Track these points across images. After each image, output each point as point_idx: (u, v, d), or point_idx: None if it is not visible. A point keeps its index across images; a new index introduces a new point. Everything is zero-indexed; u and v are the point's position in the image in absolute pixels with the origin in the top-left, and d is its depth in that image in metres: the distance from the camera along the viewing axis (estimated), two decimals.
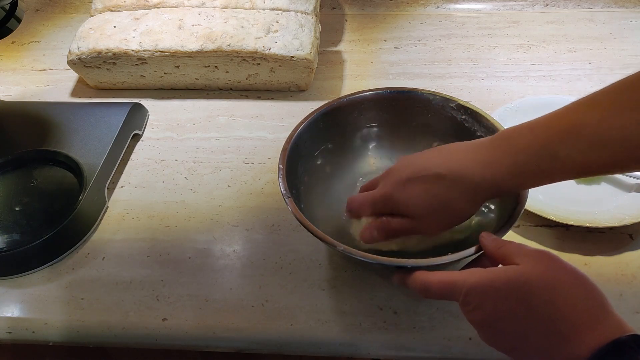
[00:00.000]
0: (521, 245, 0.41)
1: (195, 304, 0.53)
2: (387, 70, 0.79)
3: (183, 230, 0.60)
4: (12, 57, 0.87)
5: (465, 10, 0.89)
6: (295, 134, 0.54)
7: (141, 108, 0.73)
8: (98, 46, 0.72)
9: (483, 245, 0.43)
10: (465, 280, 0.39)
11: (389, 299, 0.52)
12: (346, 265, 0.55)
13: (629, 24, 0.84)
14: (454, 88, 0.75)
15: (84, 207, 0.60)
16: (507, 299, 0.37)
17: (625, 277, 0.53)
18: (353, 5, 0.91)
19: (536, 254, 0.39)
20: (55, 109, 0.72)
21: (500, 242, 0.42)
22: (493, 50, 0.81)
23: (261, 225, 0.60)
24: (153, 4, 0.78)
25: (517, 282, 0.37)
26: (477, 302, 0.38)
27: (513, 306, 0.37)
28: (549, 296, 0.36)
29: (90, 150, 0.65)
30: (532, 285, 0.37)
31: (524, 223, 0.58)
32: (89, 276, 0.56)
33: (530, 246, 0.40)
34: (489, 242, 0.43)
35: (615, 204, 0.58)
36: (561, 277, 0.37)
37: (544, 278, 0.37)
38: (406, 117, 0.59)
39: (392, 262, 0.44)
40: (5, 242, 0.58)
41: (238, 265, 0.56)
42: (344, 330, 0.50)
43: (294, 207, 0.48)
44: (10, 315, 0.53)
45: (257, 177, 0.65)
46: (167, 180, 0.66)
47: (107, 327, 0.52)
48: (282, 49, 0.70)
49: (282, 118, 0.73)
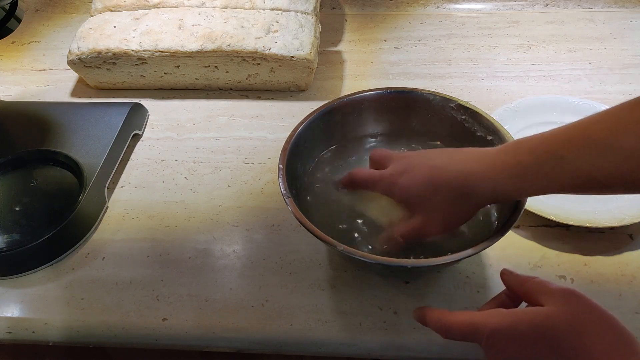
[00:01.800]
0: (545, 282, 0.38)
1: (195, 304, 0.53)
2: (387, 70, 0.79)
3: (183, 230, 0.60)
4: (12, 57, 0.87)
5: (465, 10, 0.89)
6: (295, 134, 0.54)
7: (141, 108, 0.73)
8: (98, 46, 0.72)
9: (505, 282, 0.41)
10: (487, 323, 0.37)
11: (389, 299, 0.52)
12: (346, 265, 0.55)
13: (629, 24, 0.84)
14: (454, 88, 0.75)
15: (84, 207, 0.59)
16: (532, 345, 0.35)
17: (625, 277, 0.53)
18: (353, 5, 0.91)
19: (562, 293, 0.37)
20: (55, 109, 0.72)
21: (522, 278, 0.40)
22: (493, 50, 0.81)
23: (261, 225, 0.60)
24: (153, 4, 0.78)
25: (543, 326, 0.35)
26: (500, 347, 0.36)
27: (539, 352, 0.35)
28: (578, 341, 0.34)
29: (90, 150, 0.65)
30: (559, 329, 0.35)
31: (524, 223, 0.58)
32: (89, 276, 0.56)
33: (555, 283, 0.38)
34: (511, 279, 0.41)
35: (615, 204, 0.57)
36: (590, 320, 0.35)
37: (571, 322, 0.35)
38: (406, 117, 0.59)
39: (392, 262, 0.44)
40: (5, 242, 0.58)
41: (238, 265, 0.56)
42: (344, 330, 0.50)
43: (294, 207, 0.48)
44: (10, 315, 0.53)
45: (257, 177, 0.65)
46: (167, 180, 0.66)
47: (107, 327, 0.52)
48: (282, 49, 0.70)
49: (282, 118, 0.73)
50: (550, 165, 0.39)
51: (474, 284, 0.53)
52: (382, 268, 0.52)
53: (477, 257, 0.55)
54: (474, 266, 0.54)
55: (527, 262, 0.54)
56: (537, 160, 0.40)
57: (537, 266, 0.54)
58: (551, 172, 0.40)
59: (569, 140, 0.39)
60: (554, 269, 0.54)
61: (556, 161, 0.39)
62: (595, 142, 0.38)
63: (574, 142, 0.39)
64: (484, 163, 0.43)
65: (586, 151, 0.38)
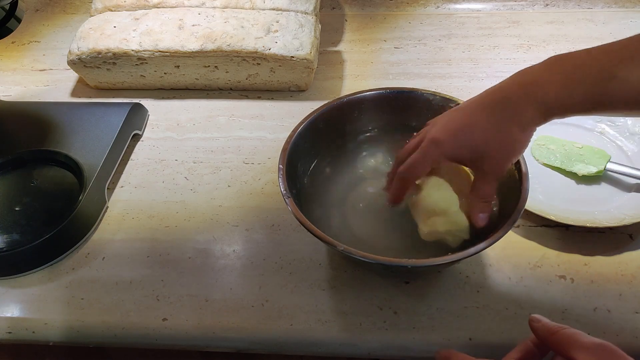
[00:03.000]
0: (578, 334, 0.35)
1: (195, 304, 0.53)
2: (387, 70, 0.79)
3: (183, 230, 0.60)
4: (12, 57, 0.87)
5: (465, 10, 0.89)
6: (295, 134, 0.54)
7: (141, 108, 0.73)
8: (98, 46, 0.72)
9: (533, 329, 0.38)
10: None
11: (389, 299, 0.52)
12: (346, 265, 0.55)
13: (629, 24, 0.84)
14: (454, 88, 0.75)
15: (84, 207, 0.59)
16: None
17: (625, 277, 0.53)
18: (353, 5, 0.91)
19: (596, 348, 0.34)
20: (55, 109, 0.72)
21: (553, 328, 0.37)
22: (493, 50, 0.81)
23: (261, 225, 0.60)
24: (153, 4, 0.78)
25: None
26: None
27: None
28: None
29: (90, 150, 0.65)
30: None
31: (524, 223, 0.58)
32: (89, 276, 0.56)
33: (587, 336, 0.35)
34: (539, 327, 0.38)
35: (615, 204, 0.58)
36: None
37: None
38: (406, 117, 0.59)
39: (392, 262, 0.44)
40: (5, 242, 0.58)
41: (238, 265, 0.56)
42: (344, 330, 0.50)
43: (294, 207, 0.48)
44: (10, 315, 0.53)
45: (257, 177, 0.65)
46: (167, 180, 0.66)
47: (107, 327, 0.52)
48: (282, 49, 0.70)
49: (282, 118, 0.73)
50: (602, 84, 0.38)
51: (474, 283, 0.53)
52: (382, 268, 0.52)
53: (477, 257, 0.55)
54: (474, 266, 0.54)
55: (527, 262, 0.54)
56: (588, 78, 0.38)
57: (537, 266, 0.54)
58: (602, 91, 0.38)
59: (621, 57, 0.37)
60: (554, 268, 0.54)
61: (608, 79, 0.37)
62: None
63: (627, 60, 0.37)
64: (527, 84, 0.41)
65: (638, 70, 0.36)
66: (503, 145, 0.43)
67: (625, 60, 0.37)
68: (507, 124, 0.42)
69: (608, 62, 0.38)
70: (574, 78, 0.39)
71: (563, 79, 0.39)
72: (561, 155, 0.63)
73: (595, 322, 0.49)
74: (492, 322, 0.50)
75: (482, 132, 0.43)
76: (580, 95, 0.39)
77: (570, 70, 0.39)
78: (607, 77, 0.37)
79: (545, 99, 0.40)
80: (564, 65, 0.40)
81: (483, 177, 0.45)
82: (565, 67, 0.39)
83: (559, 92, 0.39)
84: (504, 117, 0.42)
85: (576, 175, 0.61)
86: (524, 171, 0.49)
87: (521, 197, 0.47)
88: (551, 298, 0.51)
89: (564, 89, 0.39)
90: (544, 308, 0.50)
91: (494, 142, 0.43)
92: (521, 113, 0.41)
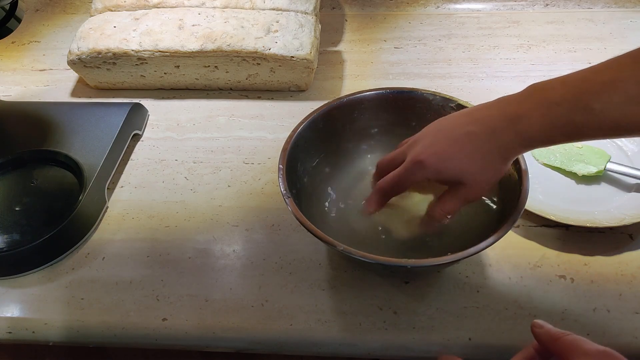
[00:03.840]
0: (581, 340, 0.35)
1: (195, 304, 0.53)
2: (387, 70, 0.79)
3: (183, 230, 0.60)
4: (12, 57, 0.87)
5: (465, 10, 0.89)
6: (295, 134, 0.54)
7: (141, 108, 0.73)
8: (98, 46, 0.72)
9: (535, 335, 0.38)
10: None
11: (389, 299, 0.52)
12: (346, 265, 0.55)
13: (629, 24, 0.84)
14: (454, 88, 0.75)
15: (84, 207, 0.60)
16: None
17: (625, 277, 0.53)
18: (353, 5, 0.91)
19: (599, 355, 0.34)
20: (55, 109, 0.72)
21: (556, 334, 0.36)
22: (493, 50, 0.81)
23: (261, 225, 0.60)
24: (153, 4, 0.78)
25: None
26: None
27: None
28: None
29: (90, 150, 0.65)
30: None
31: (524, 223, 0.58)
32: (89, 276, 0.56)
33: (590, 342, 0.35)
34: (542, 333, 0.37)
35: (615, 204, 0.58)
36: None
37: None
38: (406, 117, 0.59)
39: (392, 262, 0.44)
40: (5, 242, 0.58)
41: (238, 265, 0.56)
42: (344, 330, 0.50)
43: (294, 207, 0.48)
44: (10, 315, 0.53)
45: (257, 177, 0.65)
46: (167, 180, 0.66)
47: (107, 327, 0.52)
48: (282, 49, 0.70)
49: (282, 118, 0.73)
50: (579, 116, 0.38)
51: (474, 284, 0.53)
52: (382, 268, 0.52)
53: (477, 257, 0.55)
54: (474, 266, 0.54)
55: (527, 262, 0.54)
56: (565, 112, 0.39)
57: (537, 266, 0.54)
58: (580, 122, 0.38)
59: (596, 87, 0.38)
60: (554, 268, 0.54)
61: (585, 111, 0.38)
62: (624, 90, 0.37)
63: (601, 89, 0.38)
64: (509, 116, 0.42)
65: (615, 99, 0.37)
66: (484, 174, 0.45)
67: (599, 91, 0.38)
68: (492, 155, 0.44)
69: (585, 93, 0.39)
70: (555, 112, 0.40)
71: (545, 112, 0.40)
72: (561, 155, 0.63)
73: (595, 322, 0.49)
74: (492, 322, 0.50)
75: (467, 161, 0.44)
76: (560, 127, 0.40)
77: (549, 103, 0.40)
78: (583, 109, 0.38)
79: (529, 133, 0.41)
80: (544, 96, 0.41)
81: (455, 194, 0.46)
82: (546, 98, 0.41)
83: (542, 126, 0.40)
84: (489, 149, 0.43)
85: (576, 175, 0.61)
86: (524, 171, 0.49)
87: (521, 197, 0.47)
88: (551, 298, 0.51)
89: (546, 123, 0.40)
90: (544, 308, 0.50)
91: (477, 171, 0.44)
92: (506, 146, 0.43)
